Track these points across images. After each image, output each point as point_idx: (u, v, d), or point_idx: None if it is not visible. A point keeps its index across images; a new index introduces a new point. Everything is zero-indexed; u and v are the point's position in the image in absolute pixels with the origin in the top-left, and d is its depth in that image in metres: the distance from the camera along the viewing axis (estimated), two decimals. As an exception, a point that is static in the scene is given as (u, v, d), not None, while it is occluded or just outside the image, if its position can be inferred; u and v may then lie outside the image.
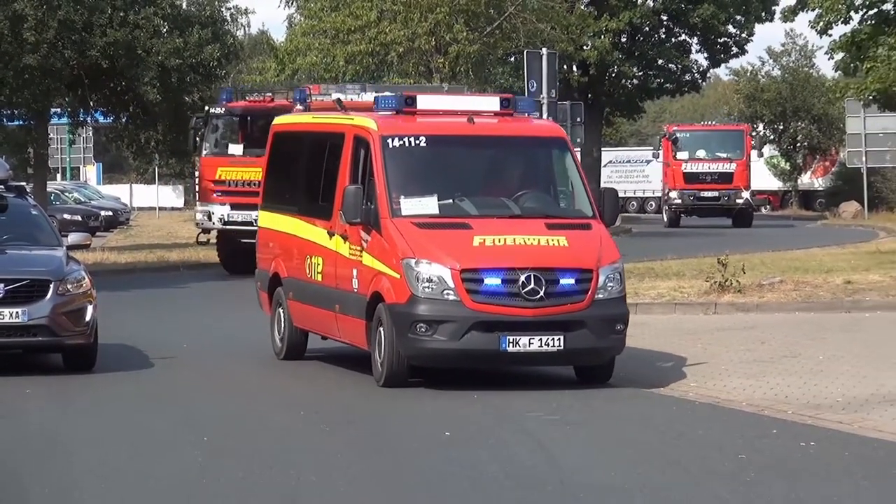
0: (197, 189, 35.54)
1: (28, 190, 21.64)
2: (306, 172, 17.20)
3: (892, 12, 32.45)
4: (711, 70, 70.06)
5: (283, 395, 15.32)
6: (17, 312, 16.18)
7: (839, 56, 34.83)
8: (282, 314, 17.30)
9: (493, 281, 13.39)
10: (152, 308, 26.14)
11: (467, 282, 13.29)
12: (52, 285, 16.55)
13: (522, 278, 13.20)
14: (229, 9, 44.48)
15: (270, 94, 33.89)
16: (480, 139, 15.22)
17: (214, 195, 31.70)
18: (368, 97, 18.12)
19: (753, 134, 66.32)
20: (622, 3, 62.26)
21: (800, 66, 77.37)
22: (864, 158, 56.41)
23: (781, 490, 9.53)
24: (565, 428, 12.79)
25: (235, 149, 30.69)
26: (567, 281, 13.53)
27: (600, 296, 13.56)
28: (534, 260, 13.45)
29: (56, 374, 16.79)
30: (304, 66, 45.81)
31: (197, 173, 34.26)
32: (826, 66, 60.27)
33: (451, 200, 14.63)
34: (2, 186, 18.38)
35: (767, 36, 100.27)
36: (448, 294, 13.29)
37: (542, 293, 13.18)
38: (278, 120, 19.92)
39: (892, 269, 29.14)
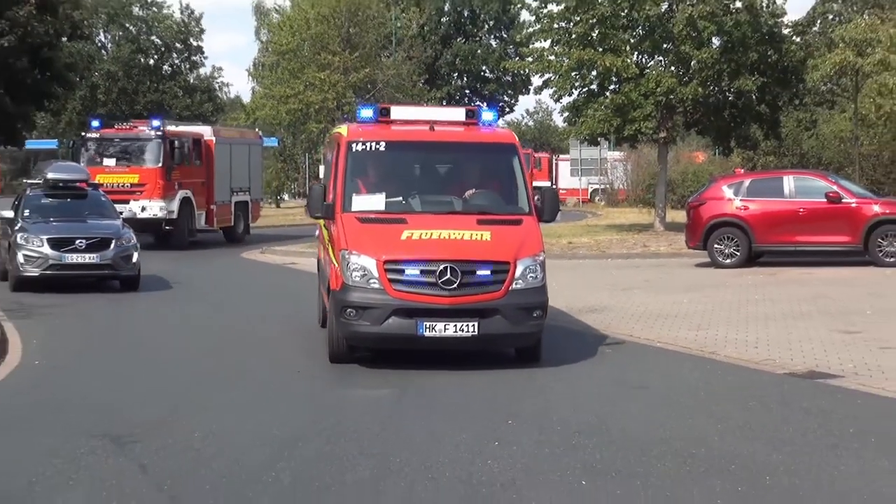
0: None
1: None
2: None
3: (595, 90, 37.84)
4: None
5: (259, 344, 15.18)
6: (93, 256, 21.51)
7: (566, 114, 40.63)
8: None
9: (412, 271, 12.86)
10: (168, 256, 30.26)
11: (390, 272, 12.81)
12: (113, 241, 21.83)
13: (439, 269, 12.60)
14: (219, 82, 65.29)
15: (133, 124, 36.73)
16: (437, 144, 14.88)
17: None
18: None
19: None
20: (443, 82, 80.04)
21: (544, 119, 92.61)
22: (579, 171, 68.83)
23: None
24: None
25: (108, 162, 32.74)
26: (483, 272, 12.93)
27: (517, 286, 12.88)
28: (452, 253, 12.87)
29: (115, 292, 22.07)
30: (261, 116, 56.85)
31: None
32: (558, 119, 72.14)
33: (400, 198, 14.25)
34: (85, 183, 24.70)
35: (525, 101, 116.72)
36: (373, 283, 12.82)
37: (457, 283, 12.59)
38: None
39: (595, 236, 36.27)
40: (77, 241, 21.48)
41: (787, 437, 9.64)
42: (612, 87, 37.11)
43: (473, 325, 12.65)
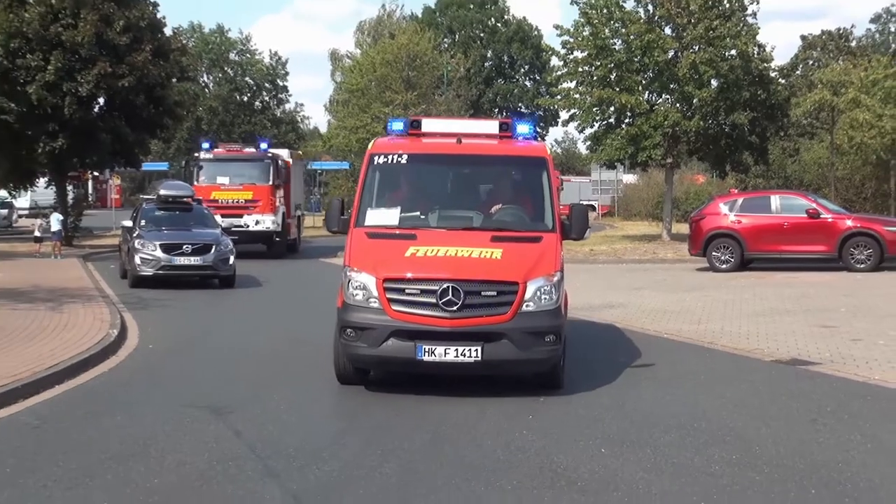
0: None
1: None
2: None
3: (612, 123, 37.65)
4: None
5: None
6: (197, 259, 22.07)
7: (588, 143, 41.05)
8: None
9: (412, 291, 10.19)
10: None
11: (389, 291, 10.20)
12: (213, 246, 22.33)
13: (440, 289, 10.00)
14: (301, 115, 65.63)
15: (241, 146, 35.97)
16: (463, 158, 12.03)
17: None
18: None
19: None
20: (486, 116, 72.11)
21: (570, 147, 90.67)
22: (599, 190, 67.58)
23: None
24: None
25: (223, 180, 31.43)
26: (488, 293, 10.19)
27: (528, 308, 10.16)
28: (456, 271, 10.21)
29: (214, 289, 22.24)
30: (335, 144, 59.70)
31: None
32: (582, 147, 71.38)
33: (418, 213, 11.67)
34: (190, 198, 25.13)
35: (554, 132, 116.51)
36: (372, 302, 10.27)
37: (460, 304, 9.96)
38: None
39: (612, 244, 36.15)
40: (184, 246, 22.01)
41: (774, 413, 9.61)
42: (626, 120, 37.31)
43: (477, 350, 10.01)
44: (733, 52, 35.87)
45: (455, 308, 10.02)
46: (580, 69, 37.57)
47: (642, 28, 35.85)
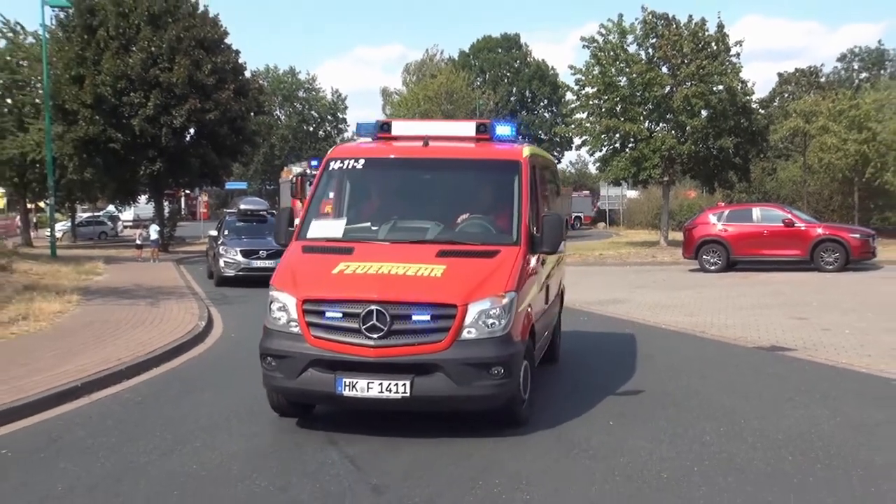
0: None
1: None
2: None
3: (618, 148, 37.50)
4: None
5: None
6: (272, 262, 20.27)
7: (597, 164, 41.11)
8: None
9: (333, 314, 7.45)
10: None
11: (309, 314, 7.52)
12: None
13: (364, 312, 7.28)
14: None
15: None
16: (426, 162, 9.00)
17: None
18: None
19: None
20: None
21: (582, 168, 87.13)
22: (607, 206, 65.43)
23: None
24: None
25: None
26: (420, 317, 7.34)
27: (468, 335, 7.32)
28: (385, 292, 7.40)
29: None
30: None
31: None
32: (592, 168, 70.46)
33: (369, 224, 8.81)
34: (265, 212, 25.00)
35: (569, 155, 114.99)
36: (293, 326, 7.59)
37: (385, 330, 7.24)
38: None
39: (618, 249, 36.49)
40: (260, 252, 22.22)
41: (756, 392, 9.53)
42: (630, 145, 37.09)
43: (405, 385, 7.23)
44: (720, 87, 35.71)
45: (380, 335, 7.30)
46: (590, 102, 37.56)
47: (643, 68, 35.83)
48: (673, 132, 36.57)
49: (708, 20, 36.53)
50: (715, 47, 36.05)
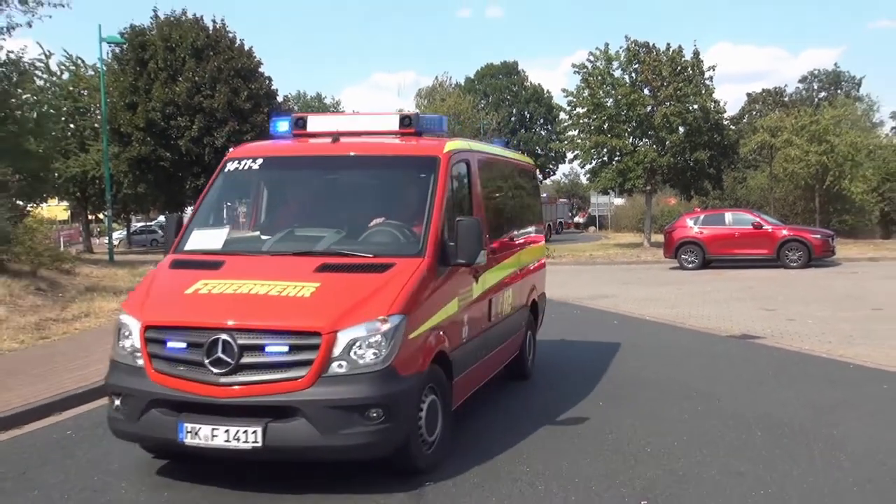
0: None
1: None
2: None
3: (606, 161, 37.32)
4: (543, 180, 77.05)
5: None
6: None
7: (588, 175, 40.59)
8: None
9: (176, 343, 5.41)
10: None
11: (151, 343, 5.50)
12: None
13: (209, 342, 5.27)
14: None
15: None
16: (334, 160, 6.84)
17: None
18: None
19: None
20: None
21: (574, 179, 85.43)
22: (596, 212, 65.68)
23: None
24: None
25: None
26: (276, 347, 5.26)
27: (338, 369, 5.24)
28: (238, 316, 5.39)
29: None
30: None
31: None
32: (584, 179, 70.51)
33: (258, 233, 6.80)
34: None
35: (563, 168, 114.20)
36: (138, 358, 5.56)
37: (233, 364, 5.22)
38: None
39: (606, 250, 35.87)
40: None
41: (729, 376, 9.48)
42: (616, 158, 37.18)
43: (255, 433, 5.19)
44: (696, 106, 35.76)
45: (227, 369, 5.28)
46: (581, 121, 37.63)
47: (627, 90, 35.87)
48: (654, 146, 36.65)
49: (685, 47, 36.74)
50: (691, 71, 36.07)
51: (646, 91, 36.58)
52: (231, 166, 6.92)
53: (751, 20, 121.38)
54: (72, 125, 37.25)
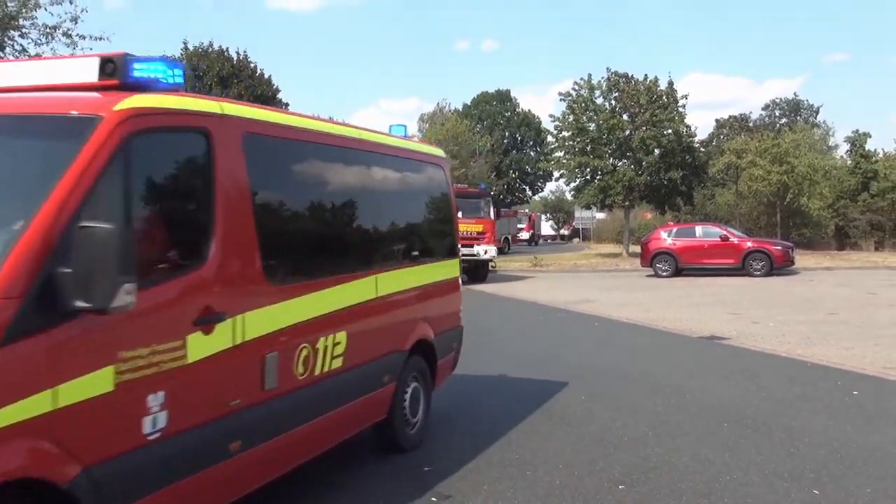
0: None
1: None
2: None
3: (588, 179, 37.15)
4: (532, 196, 77.08)
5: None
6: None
7: (573, 192, 41.16)
8: None
9: None
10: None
11: None
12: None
13: None
14: None
15: (465, 185, 29.96)
16: None
17: None
18: None
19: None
20: (504, 175, 69.68)
21: (560, 195, 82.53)
22: (580, 225, 65.08)
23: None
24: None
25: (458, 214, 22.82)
26: None
27: None
28: None
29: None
30: None
31: None
32: (569, 196, 69.21)
33: None
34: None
35: (550, 185, 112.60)
36: None
37: None
38: None
39: (589, 259, 35.69)
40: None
41: (699, 372, 9.47)
42: (598, 177, 37.16)
43: None
44: (669, 130, 35.83)
45: None
46: (566, 143, 37.56)
47: (608, 116, 36.02)
48: (632, 167, 36.70)
49: (661, 78, 36.91)
50: (666, 99, 36.21)
51: (625, 117, 36.69)
52: None
53: (719, 52, 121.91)
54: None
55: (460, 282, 7.17)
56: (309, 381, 4.56)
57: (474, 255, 23.29)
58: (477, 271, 23.75)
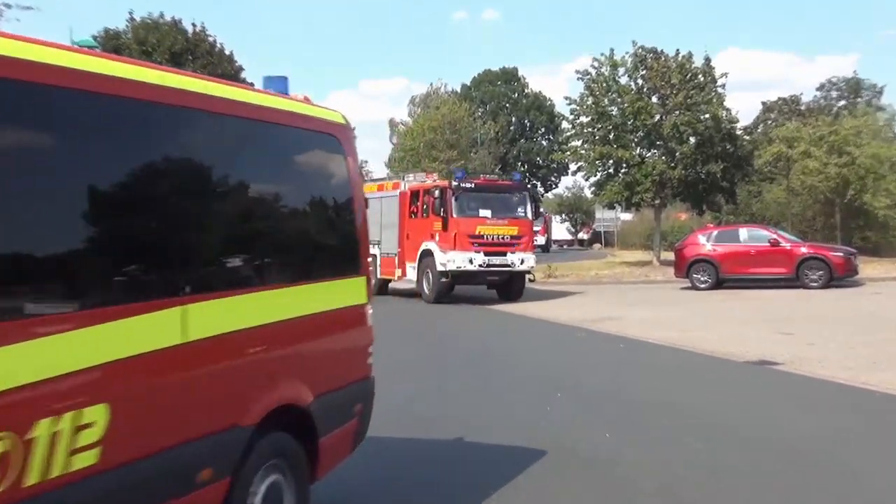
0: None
1: None
2: None
3: (611, 173, 37.30)
4: (545, 194, 78.23)
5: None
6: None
7: (593, 189, 40.94)
8: None
9: None
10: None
11: None
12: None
13: None
14: (366, 170, 65.56)
15: (496, 176, 29.30)
16: None
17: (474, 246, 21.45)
18: None
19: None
20: (511, 168, 65.66)
21: (578, 192, 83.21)
22: (602, 227, 66.04)
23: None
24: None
25: (485, 213, 21.70)
26: None
27: None
28: None
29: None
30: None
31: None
32: (588, 192, 69.36)
33: None
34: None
35: (566, 180, 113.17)
36: None
37: None
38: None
39: (613, 269, 36.11)
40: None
41: (748, 404, 9.49)
42: (623, 170, 37.04)
43: None
44: (707, 115, 35.80)
45: None
46: (585, 130, 37.55)
47: (634, 98, 35.88)
48: (663, 158, 36.56)
49: (694, 54, 36.86)
50: (702, 78, 36.16)
51: (654, 99, 36.69)
52: None
53: (758, 25, 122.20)
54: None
55: (368, 312, 5.61)
56: (10, 497, 3.01)
57: (507, 266, 21.93)
58: (510, 285, 22.68)
